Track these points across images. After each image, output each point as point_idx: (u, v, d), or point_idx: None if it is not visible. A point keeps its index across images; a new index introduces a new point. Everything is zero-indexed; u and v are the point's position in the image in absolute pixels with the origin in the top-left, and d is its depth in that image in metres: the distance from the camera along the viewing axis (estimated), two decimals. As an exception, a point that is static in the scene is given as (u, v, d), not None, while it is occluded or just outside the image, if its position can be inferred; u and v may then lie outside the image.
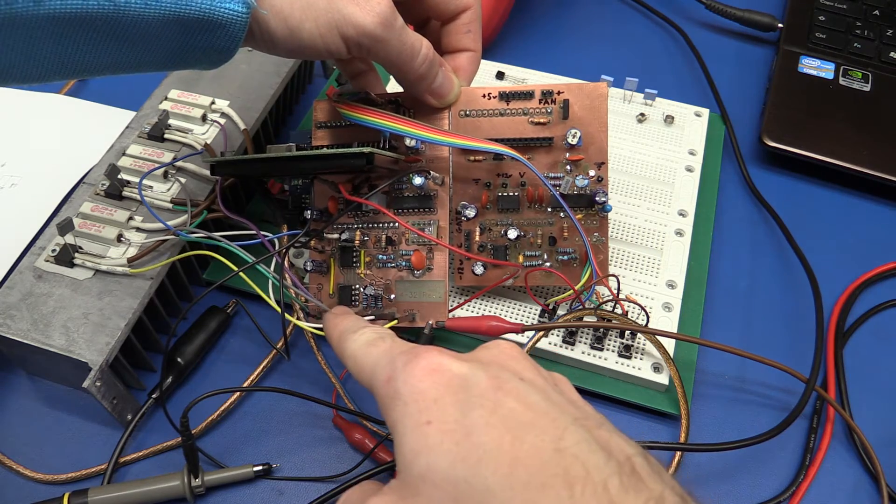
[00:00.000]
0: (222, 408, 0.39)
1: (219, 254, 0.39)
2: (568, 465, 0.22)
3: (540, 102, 0.39)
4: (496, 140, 0.38)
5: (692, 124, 0.51)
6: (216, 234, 0.39)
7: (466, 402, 0.24)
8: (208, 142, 0.44)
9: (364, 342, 0.29)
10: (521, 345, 0.38)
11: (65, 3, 0.26)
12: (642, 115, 0.51)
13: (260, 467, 0.37)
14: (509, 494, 0.22)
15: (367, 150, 0.34)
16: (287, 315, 0.38)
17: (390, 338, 0.29)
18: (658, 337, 0.39)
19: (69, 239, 0.39)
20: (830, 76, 0.54)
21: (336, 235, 0.39)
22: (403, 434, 0.24)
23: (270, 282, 0.38)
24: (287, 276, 0.38)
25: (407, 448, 0.24)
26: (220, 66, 0.32)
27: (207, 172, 0.42)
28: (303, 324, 0.38)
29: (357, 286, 0.39)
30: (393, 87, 0.49)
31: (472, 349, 0.28)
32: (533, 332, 0.39)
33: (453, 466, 0.23)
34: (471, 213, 0.39)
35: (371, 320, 0.38)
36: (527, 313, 0.41)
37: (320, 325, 0.37)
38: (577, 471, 0.22)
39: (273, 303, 0.38)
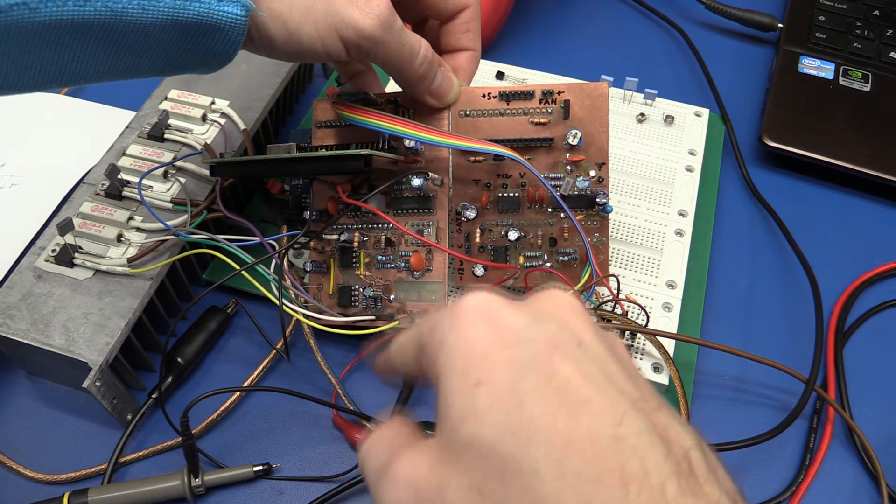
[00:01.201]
0: (222, 408, 0.39)
1: (219, 253, 0.39)
2: (625, 460, 0.20)
3: (540, 102, 0.39)
4: (496, 140, 0.38)
5: (692, 124, 0.51)
6: (217, 237, 0.39)
7: (520, 364, 0.21)
8: (208, 142, 0.44)
9: (402, 335, 0.26)
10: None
11: (61, 10, 0.25)
12: (642, 115, 0.51)
13: (260, 467, 0.37)
14: (560, 485, 0.20)
15: (365, 152, 0.34)
16: (287, 307, 0.38)
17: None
18: (658, 337, 0.39)
19: (69, 239, 0.39)
20: (830, 76, 0.54)
21: (335, 236, 0.39)
22: (449, 393, 0.22)
23: (271, 282, 0.38)
24: (286, 276, 0.38)
25: (452, 408, 0.21)
26: (218, 69, 0.32)
27: (207, 172, 0.42)
28: (303, 318, 0.38)
29: (357, 287, 0.39)
30: (392, 87, 0.49)
31: None
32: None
33: (502, 440, 0.21)
34: (471, 214, 0.39)
35: (371, 320, 0.38)
36: (527, 313, 0.41)
37: (320, 319, 0.37)
38: (634, 467, 0.20)
39: (273, 297, 0.38)
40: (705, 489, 0.21)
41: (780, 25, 0.58)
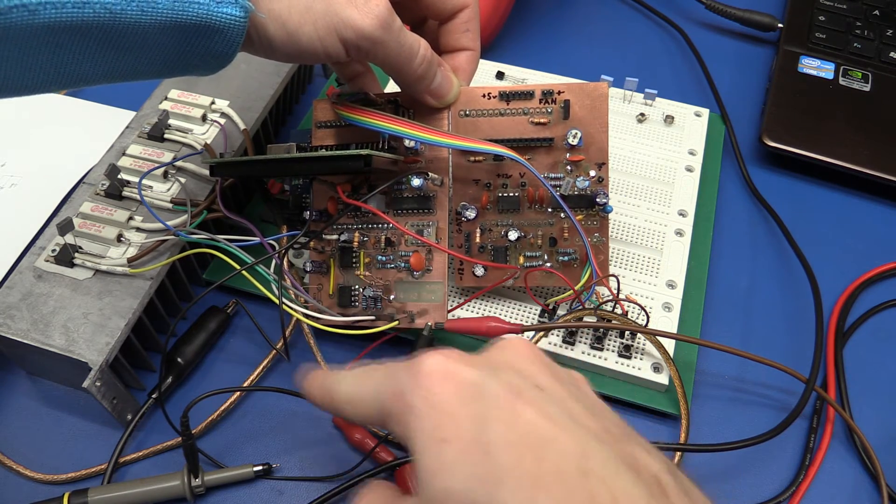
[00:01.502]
0: (222, 408, 0.39)
1: (219, 253, 0.39)
2: (594, 490, 0.21)
3: (540, 102, 0.39)
4: (496, 140, 0.38)
5: (692, 124, 0.51)
6: (217, 237, 0.39)
7: (483, 415, 0.22)
8: (208, 142, 0.44)
9: (353, 380, 0.27)
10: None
11: (60, 12, 0.25)
12: (642, 115, 0.51)
13: (260, 467, 0.37)
14: None
15: (364, 152, 0.34)
16: (287, 307, 0.38)
17: (381, 364, 0.27)
18: (658, 337, 0.39)
19: (69, 239, 0.39)
20: (830, 76, 0.54)
21: (335, 236, 0.39)
22: (420, 452, 0.23)
23: (271, 282, 0.38)
24: (286, 276, 0.38)
25: (423, 467, 0.23)
26: (218, 71, 0.32)
27: (207, 172, 0.42)
28: (303, 318, 0.38)
29: (357, 287, 0.39)
30: (392, 87, 0.49)
31: (474, 350, 0.26)
32: (533, 333, 0.39)
33: (473, 489, 0.21)
34: (471, 214, 0.39)
35: (371, 320, 0.38)
36: (527, 313, 0.41)
37: (320, 319, 0.37)
38: (603, 497, 0.21)
39: (273, 297, 0.38)
40: None
41: (780, 25, 0.58)
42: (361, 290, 0.39)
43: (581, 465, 0.21)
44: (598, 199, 0.39)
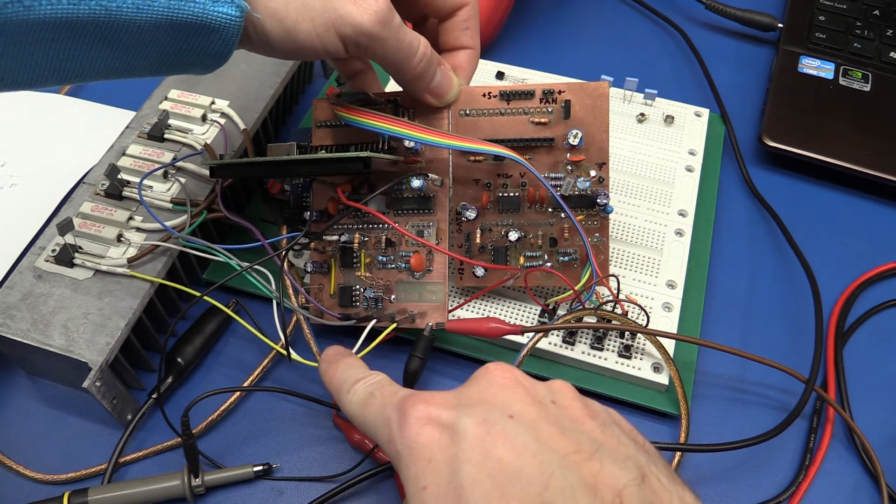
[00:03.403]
0: (222, 408, 0.39)
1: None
2: None
3: (541, 102, 0.39)
4: (496, 140, 0.38)
5: (692, 124, 0.51)
6: (214, 246, 0.39)
7: (456, 458, 0.25)
8: (208, 142, 0.44)
9: (358, 403, 0.30)
10: (521, 345, 0.38)
11: (56, 8, 0.25)
12: (642, 115, 0.51)
13: (260, 467, 0.37)
14: None
15: (364, 154, 0.34)
16: (287, 303, 0.38)
17: (379, 391, 0.30)
18: (658, 337, 0.39)
19: (69, 239, 0.39)
20: (830, 76, 0.54)
21: (336, 237, 0.39)
22: (409, 496, 0.26)
23: (272, 283, 0.38)
24: (286, 278, 0.38)
25: None
26: (215, 69, 0.32)
27: (207, 172, 0.42)
28: (303, 318, 0.38)
29: (357, 287, 0.39)
30: (392, 86, 0.49)
31: (472, 349, 0.28)
32: (533, 333, 0.39)
33: None
34: (471, 214, 0.39)
35: (371, 321, 0.38)
36: (527, 313, 0.41)
37: (319, 317, 0.36)
38: None
39: (274, 297, 0.38)
40: None
41: (780, 25, 0.58)
42: (362, 290, 0.39)
43: (542, 496, 0.23)
44: (598, 200, 0.39)
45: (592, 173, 0.39)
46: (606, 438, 0.26)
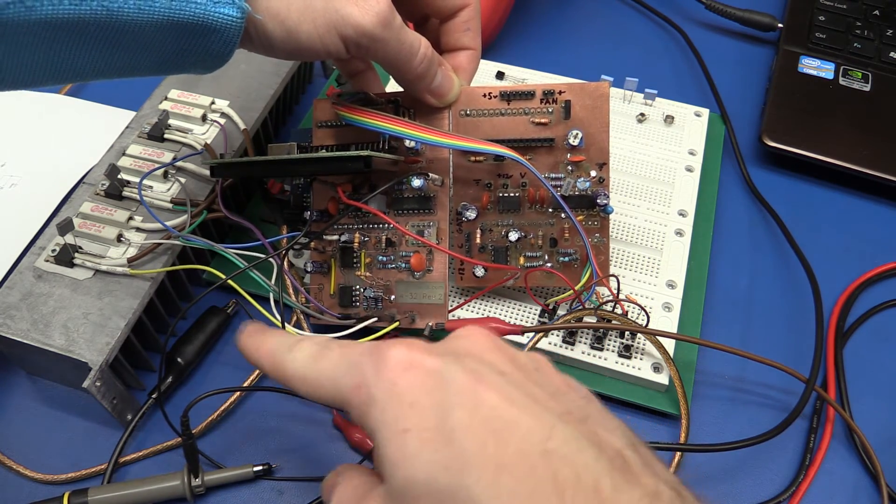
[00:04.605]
0: (222, 408, 0.39)
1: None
2: (557, 469, 0.21)
3: (541, 102, 0.39)
4: (497, 140, 0.38)
5: (692, 124, 0.51)
6: (216, 245, 0.39)
7: (445, 403, 0.23)
8: (208, 142, 0.44)
9: (308, 357, 0.26)
10: (521, 346, 0.38)
11: (57, 8, 0.25)
12: (642, 115, 0.51)
13: (260, 467, 0.37)
14: None
15: (365, 153, 0.34)
16: (287, 300, 0.38)
17: (336, 344, 0.26)
18: (658, 337, 0.39)
19: (69, 239, 0.39)
20: (830, 76, 0.54)
21: (336, 237, 0.39)
22: (382, 443, 0.23)
23: (272, 283, 0.38)
24: (286, 278, 0.38)
25: (387, 457, 0.23)
26: (216, 69, 0.32)
27: (207, 172, 0.42)
28: (303, 318, 0.38)
29: (357, 287, 0.39)
30: (393, 86, 0.49)
31: None
32: (533, 333, 0.39)
33: (436, 477, 0.22)
34: (472, 214, 0.39)
35: (372, 321, 0.38)
36: (527, 313, 0.41)
37: (320, 319, 0.36)
38: (565, 474, 0.21)
39: (274, 297, 0.38)
40: (641, 480, 0.22)
41: (780, 25, 0.58)
42: (362, 290, 0.39)
43: (544, 445, 0.22)
44: (598, 200, 0.39)
45: (593, 173, 0.39)
46: (592, 409, 0.25)
